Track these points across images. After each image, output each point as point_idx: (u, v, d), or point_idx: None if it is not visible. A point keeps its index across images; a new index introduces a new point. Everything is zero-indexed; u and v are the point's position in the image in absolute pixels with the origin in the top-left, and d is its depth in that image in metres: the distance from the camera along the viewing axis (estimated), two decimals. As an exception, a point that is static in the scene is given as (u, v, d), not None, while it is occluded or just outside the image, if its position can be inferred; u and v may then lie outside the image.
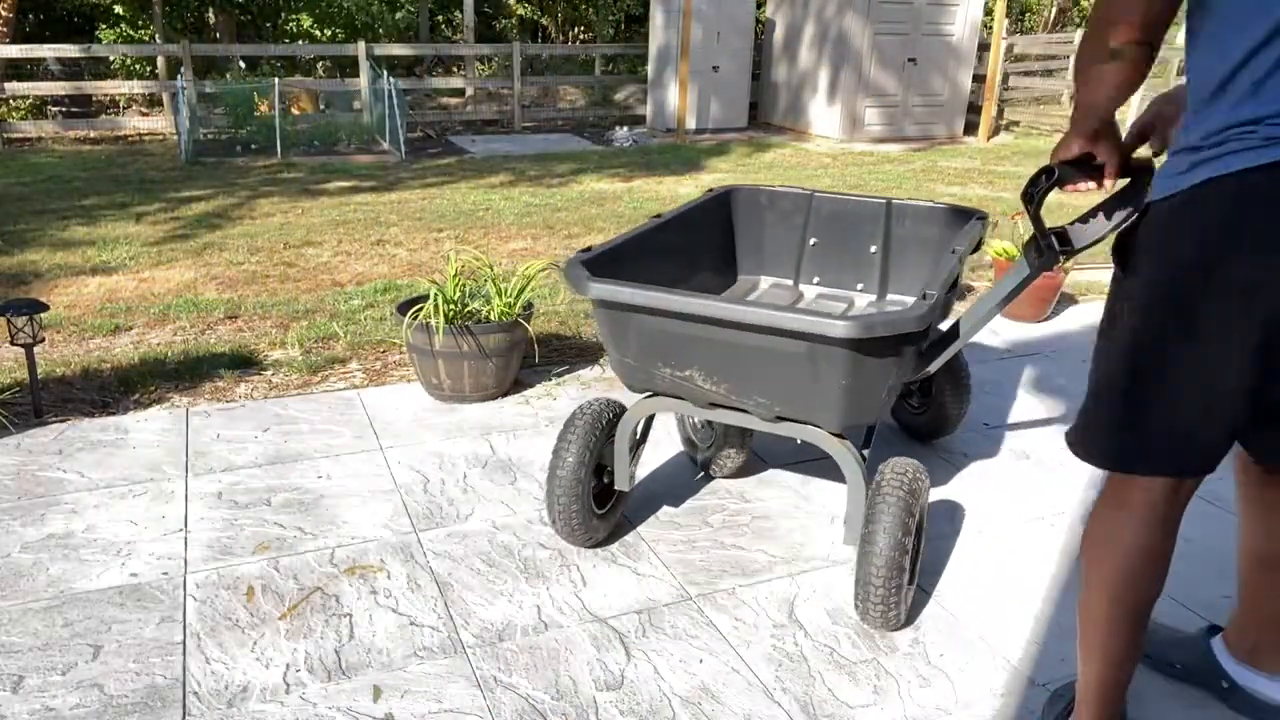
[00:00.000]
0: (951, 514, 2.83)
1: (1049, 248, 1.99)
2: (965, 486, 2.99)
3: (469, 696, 2.04)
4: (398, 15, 14.86)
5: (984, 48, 12.24)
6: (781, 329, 2.05)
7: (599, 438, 2.49)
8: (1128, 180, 1.81)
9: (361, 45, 10.97)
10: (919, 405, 3.24)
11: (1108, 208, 1.87)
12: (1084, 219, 1.93)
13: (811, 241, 3.21)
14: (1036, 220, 1.92)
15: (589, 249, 2.43)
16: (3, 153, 9.47)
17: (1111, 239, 1.78)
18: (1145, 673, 2.15)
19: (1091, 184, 1.76)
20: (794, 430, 2.30)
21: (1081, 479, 3.05)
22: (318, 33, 14.58)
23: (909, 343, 2.12)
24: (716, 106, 11.92)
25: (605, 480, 2.60)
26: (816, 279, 3.25)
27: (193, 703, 2.00)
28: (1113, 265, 1.71)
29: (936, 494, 2.94)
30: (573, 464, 2.45)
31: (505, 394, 3.59)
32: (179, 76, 9.88)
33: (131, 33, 13.57)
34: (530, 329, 3.55)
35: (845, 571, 2.52)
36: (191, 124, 9.42)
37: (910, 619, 2.32)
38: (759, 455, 3.14)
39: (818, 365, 2.09)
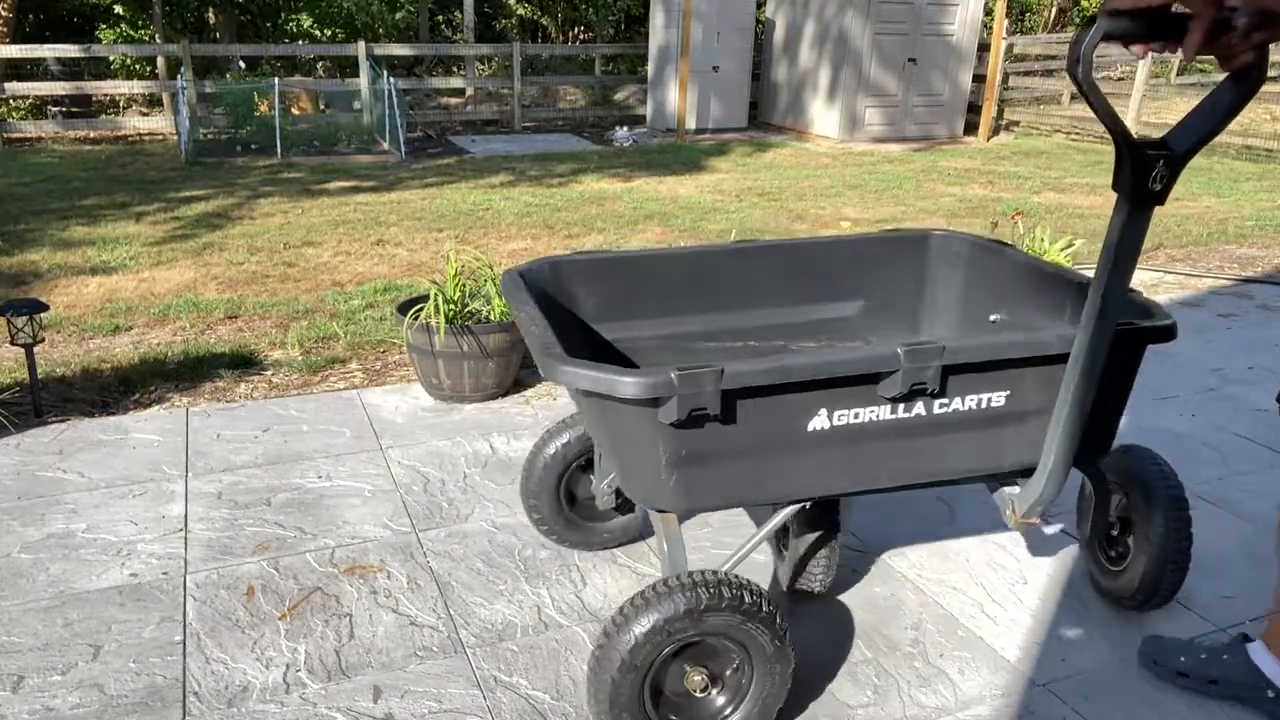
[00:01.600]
0: (951, 515, 2.83)
1: (1137, 151, 1.42)
2: (964, 486, 2.99)
3: (469, 696, 2.04)
4: (398, 15, 14.86)
5: (984, 48, 12.24)
6: (527, 333, 1.80)
7: (580, 443, 2.42)
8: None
9: (361, 45, 10.97)
10: (1117, 557, 2.35)
11: (1216, 99, 1.42)
12: (1184, 121, 1.45)
13: (992, 318, 2.43)
14: (1099, 107, 1.36)
15: (582, 252, 2.36)
16: (3, 153, 9.47)
17: None
18: (1144, 675, 2.15)
19: (1162, 49, 1.29)
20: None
21: (1079, 479, 3.05)
22: (318, 33, 14.58)
23: (657, 407, 1.64)
24: (716, 106, 11.92)
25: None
26: None
27: (193, 703, 2.00)
28: None
29: (937, 495, 2.93)
30: (540, 469, 2.40)
31: (505, 394, 3.59)
32: (179, 76, 9.88)
33: (131, 33, 13.57)
34: (530, 329, 3.55)
35: (846, 573, 2.52)
36: (191, 124, 9.42)
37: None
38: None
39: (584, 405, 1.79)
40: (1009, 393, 1.84)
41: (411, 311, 3.41)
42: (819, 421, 1.76)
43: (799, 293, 2.49)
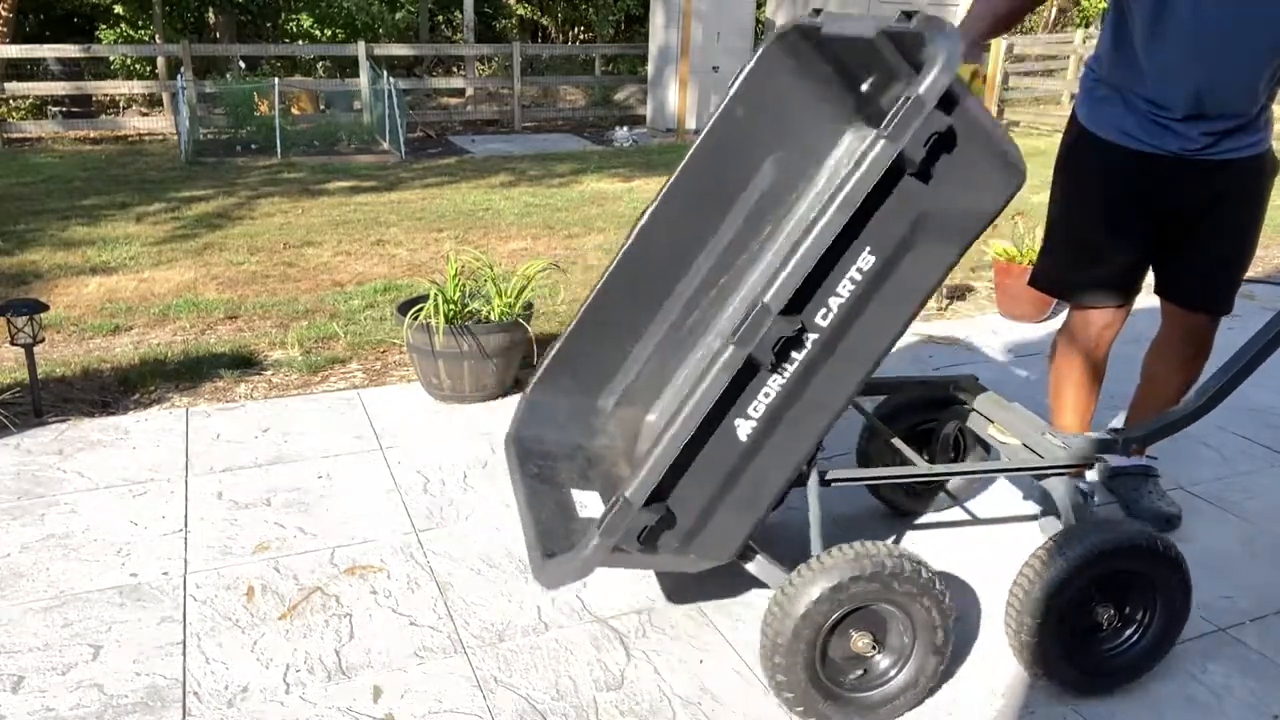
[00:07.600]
0: (950, 515, 2.83)
1: None
2: (964, 486, 2.99)
3: (469, 696, 2.04)
4: (398, 15, 14.88)
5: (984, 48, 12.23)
6: None
7: None
8: None
9: (361, 45, 10.97)
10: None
11: None
12: None
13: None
14: None
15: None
16: (3, 153, 9.47)
17: None
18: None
19: None
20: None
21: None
22: (318, 33, 14.59)
23: None
24: (716, 106, 11.91)
25: None
26: None
27: (193, 703, 2.00)
28: None
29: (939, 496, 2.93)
30: None
31: (505, 394, 3.59)
32: (179, 76, 9.87)
33: (131, 33, 13.58)
34: (530, 329, 3.55)
35: (845, 571, 2.52)
36: (191, 124, 9.42)
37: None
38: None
39: None
40: (870, 247, 1.74)
41: (411, 311, 3.41)
42: (746, 426, 1.84)
43: (719, 207, 2.54)
